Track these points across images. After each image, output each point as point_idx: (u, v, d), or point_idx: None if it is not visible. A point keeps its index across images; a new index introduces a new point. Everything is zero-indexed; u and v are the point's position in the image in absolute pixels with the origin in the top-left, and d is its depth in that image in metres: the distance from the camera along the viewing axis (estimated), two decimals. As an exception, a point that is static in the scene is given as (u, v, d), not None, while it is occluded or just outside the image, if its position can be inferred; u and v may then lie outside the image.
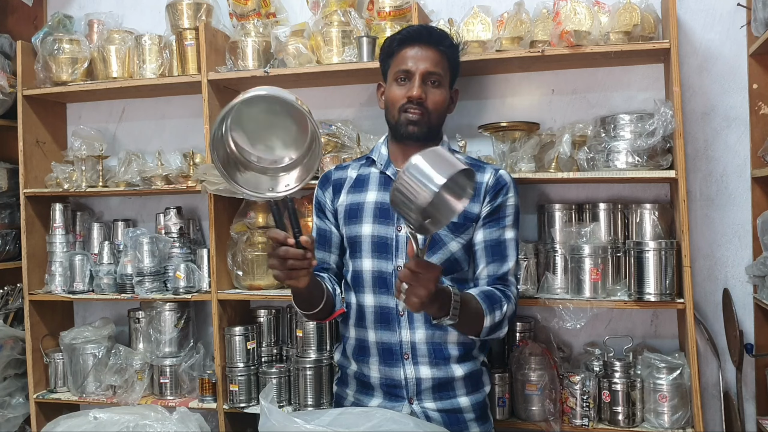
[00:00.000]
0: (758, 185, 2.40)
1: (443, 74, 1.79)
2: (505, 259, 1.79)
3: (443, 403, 1.79)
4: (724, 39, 2.44)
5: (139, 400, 2.65)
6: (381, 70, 1.90)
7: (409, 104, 1.74)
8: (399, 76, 1.77)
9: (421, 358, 1.77)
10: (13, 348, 2.92)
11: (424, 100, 1.74)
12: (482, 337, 1.72)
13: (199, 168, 2.56)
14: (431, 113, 1.76)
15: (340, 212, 1.86)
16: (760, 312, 2.39)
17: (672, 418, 2.21)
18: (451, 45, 1.83)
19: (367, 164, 1.89)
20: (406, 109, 1.75)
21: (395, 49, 1.80)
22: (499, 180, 1.81)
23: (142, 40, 2.74)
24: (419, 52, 1.77)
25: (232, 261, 2.64)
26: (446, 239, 1.76)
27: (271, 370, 2.55)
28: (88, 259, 2.83)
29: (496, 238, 1.79)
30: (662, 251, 2.19)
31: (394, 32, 1.88)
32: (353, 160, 1.99)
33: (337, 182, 1.89)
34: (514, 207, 1.82)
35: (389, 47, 1.83)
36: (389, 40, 1.85)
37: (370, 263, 1.79)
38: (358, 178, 1.87)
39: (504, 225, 1.80)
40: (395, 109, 1.77)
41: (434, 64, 1.76)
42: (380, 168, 1.84)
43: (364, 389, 1.84)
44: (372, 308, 1.79)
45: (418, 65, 1.75)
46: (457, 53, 1.86)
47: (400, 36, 1.81)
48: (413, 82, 1.75)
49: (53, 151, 2.99)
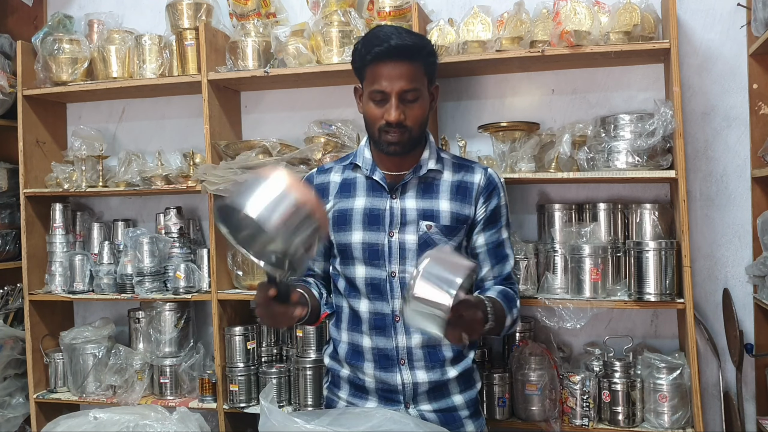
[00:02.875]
0: (758, 185, 2.40)
1: (420, 86, 1.69)
2: (506, 259, 1.82)
3: (439, 404, 1.79)
4: (724, 39, 2.44)
5: (139, 400, 2.65)
6: (356, 74, 1.78)
7: (389, 126, 1.67)
8: (375, 97, 1.68)
9: (417, 362, 1.76)
10: (13, 348, 2.92)
11: (404, 120, 1.67)
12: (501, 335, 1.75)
13: (199, 168, 2.56)
14: (412, 129, 1.69)
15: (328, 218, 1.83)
16: (760, 312, 2.39)
17: (672, 418, 2.21)
18: (427, 53, 1.72)
19: (351, 168, 1.83)
20: (386, 130, 1.68)
21: (367, 63, 1.69)
22: (490, 181, 1.80)
23: (142, 40, 2.74)
24: (393, 69, 1.65)
25: (232, 261, 2.64)
26: (439, 243, 1.74)
27: (271, 370, 2.56)
28: (88, 259, 2.83)
29: (496, 240, 1.80)
30: (662, 251, 2.19)
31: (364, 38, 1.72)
32: (334, 162, 1.91)
33: (321, 187, 1.84)
34: (506, 207, 1.83)
35: (360, 60, 1.70)
36: (359, 53, 1.70)
37: (363, 270, 1.76)
38: (343, 182, 1.82)
39: (500, 226, 1.81)
40: (374, 128, 1.71)
41: (409, 81, 1.66)
42: (366, 173, 1.79)
43: (358, 392, 1.83)
44: (367, 314, 1.77)
45: (393, 85, 1.65)
46: (433, 57, 1.75)
47: (371, 55, 1.67)
48: (390, 104, 1.66)
49: (53, 151, 2.99)
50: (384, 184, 1.77)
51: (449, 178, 1.79)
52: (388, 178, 1.77)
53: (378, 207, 1.76)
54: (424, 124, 1.74)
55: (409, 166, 1.76)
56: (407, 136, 1.69)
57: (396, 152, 1.72)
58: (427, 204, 1.75)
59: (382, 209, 1.75)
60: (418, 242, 1.73)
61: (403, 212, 1.74)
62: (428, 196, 1.76)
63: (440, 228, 1.73)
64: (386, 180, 1.77)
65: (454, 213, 1.75)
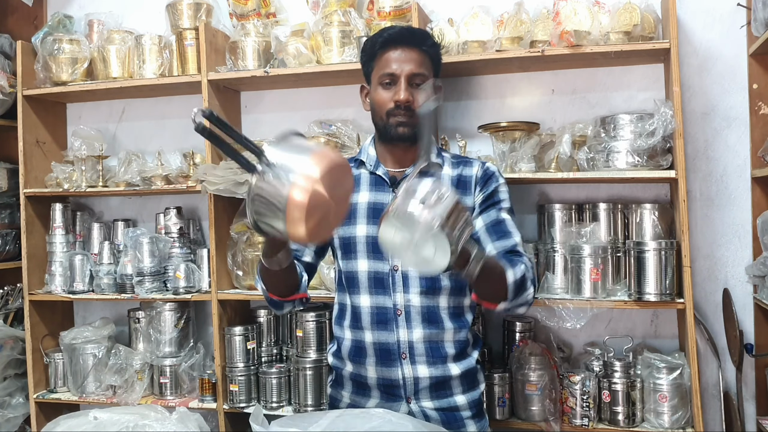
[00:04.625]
0: (758, 185, 2.40)
1: (427, 74, 1.78)
2: (509, 235, 1.73)
3: (440, 402, 1.79)
4: (724, 39, 2.44)
5: (139, 400, 2.66)
6: (363, 72, 1.88)
7: (397, 108, 1.74)
8: (384, 80, 1.76)
9: (419, 357, 1.77)
10: (13, 348, 2.92)
11: (412, 102, 1.74)
12: (510, 301, 1.59)
13: (199, 168, 2.56)
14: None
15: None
16: (760, 312, 2.39)
17: (672, 418, 2.21)
18: (433, 44, 1.82)
19: (355, 165, 1.88)
20: (395, 113, 1.75)
21: (377, 52, 1.79)
22: (487, 170, 1.82)
23: (142, 40, 2.74)
24: (402, 54, 1.76)
25: (232, 261, 2.64)
26: None
27: (271, 370, 2.56)
28: (88, 259, 2.83)
29: (495, 219, 1.76)
30: (662, 251, 2.19)
31: (374, 34, 1.85)
32: None
33: None
34: (507, 192, 1.81)
35: (371, 49, 1.82)
36: (370, 42, 1.83)
37: (366, 264, 1.79)
38: None
39: (500, 207, 1.77)
40: (383, 113, 1.77)
41: (418, 65, 1.76)
42: (370, 169, 1.84)
43: (360, 390, 1.84)
44: (368, 309, 1.79)
45: (403, 68, 1.74)
46: (438, 51, 1.86)
47: (382, 39, 1.79)
48: (399, 85, 1.74)
49: (53, 151, 2.99)
50: (387, 179, 1.81)
51: (449, 173, 1.83)
52: (390, 173, 1.82)
53: (381, 201, 1.80)
54: None
55: (411, 162, 1.81)
56: (415, 120, 1.74)
57: (404, 135, 1.75)
58: None
59: (386, 203, 1.79)
60: None
61: None
62: None
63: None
64: (389, 175, 1.82)
65: None
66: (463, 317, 1.83)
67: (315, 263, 1.88)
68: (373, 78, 1.81)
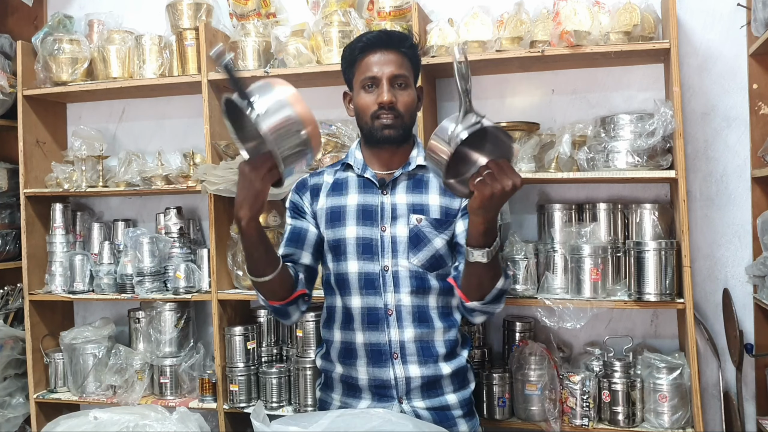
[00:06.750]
0: (758, 185, 2.40)
1: (408, 75, 1.79)
2: None
3: (432, 402, 1.80)
4: (724, 39, 2.44)
5: (139, 400, 2.66)
6: (344, 79, 1.88)
7: (381, 110, 1.75)
8: (366, 84, 1.77)
9: (410, 357, 1.78)
10: (13, 348, 2.93)
11: (395, 103, 1.75)
12: (483, 304, 1.66)
13: (199, 168, 2.56)
14: (404, 115, 1.77)
15: (321, 215, 1.85)
16: (760, 312, 2.39)
17: (672, 418, 2.21)
18: (411, 45, 1.82)
19: (342, 169, 1.89)
20: (379, 115, 1.75)
21: (357, 57, 1.79)
22: None
23: (142, 40, 2.74)
24: (382, 56, 1.76)
25: (232, 261, 2.64)
26: (431, 236, 1.77)
27: (271, 370, 2.56)
28: (88, 259, 2.83)
29: None
30: (662, 251, 2.19)
31: (352, 40, 1.86)
32: (326, 166, 1.99)
33: (314, 187, 1.89)
34: None
35: (351, 56, 1.82)
36: (349, 48, 1.83)
37: (356, 265, 1.79)
38: (335, 182, 1.88)
39: None
40: (367, 116, 1.77)
41: (398, 67, 1.76)
42: (358, 172, 1.85)
43: (351, 392, 1.84)
44: (359, 309, 1.79)
45: (384, 70, 1.75)
46: (417, 53, 1.85)
47: (361, 44, 1.79)
48: (381, 87, 1.74)
49: (53, 151, 2.99)
50: (375, 181, 1.82)
51: None
52: (378, 176, 1.83)
53: (370, 203, 1.81)
54: (413, 113, 1.81)
55: (398, 164, 1.83)
56: (400, 121, 1.76)
57: (390, 136, 1.76)
58: (417, 198, 1.80)
59: (375, 205, 1.80)
60: (408, 235, 1.77)
61: (393, 207, 1.79)
62: (418, 191, 1.80)
63: (430, 221, 1.77)
64: (377, 177, 1.82)
65: (444, 207, 1.79)
66: (452, 316, 1.84)
67: (314, 266, 1.87)
68: (355, 83, 1.81)
